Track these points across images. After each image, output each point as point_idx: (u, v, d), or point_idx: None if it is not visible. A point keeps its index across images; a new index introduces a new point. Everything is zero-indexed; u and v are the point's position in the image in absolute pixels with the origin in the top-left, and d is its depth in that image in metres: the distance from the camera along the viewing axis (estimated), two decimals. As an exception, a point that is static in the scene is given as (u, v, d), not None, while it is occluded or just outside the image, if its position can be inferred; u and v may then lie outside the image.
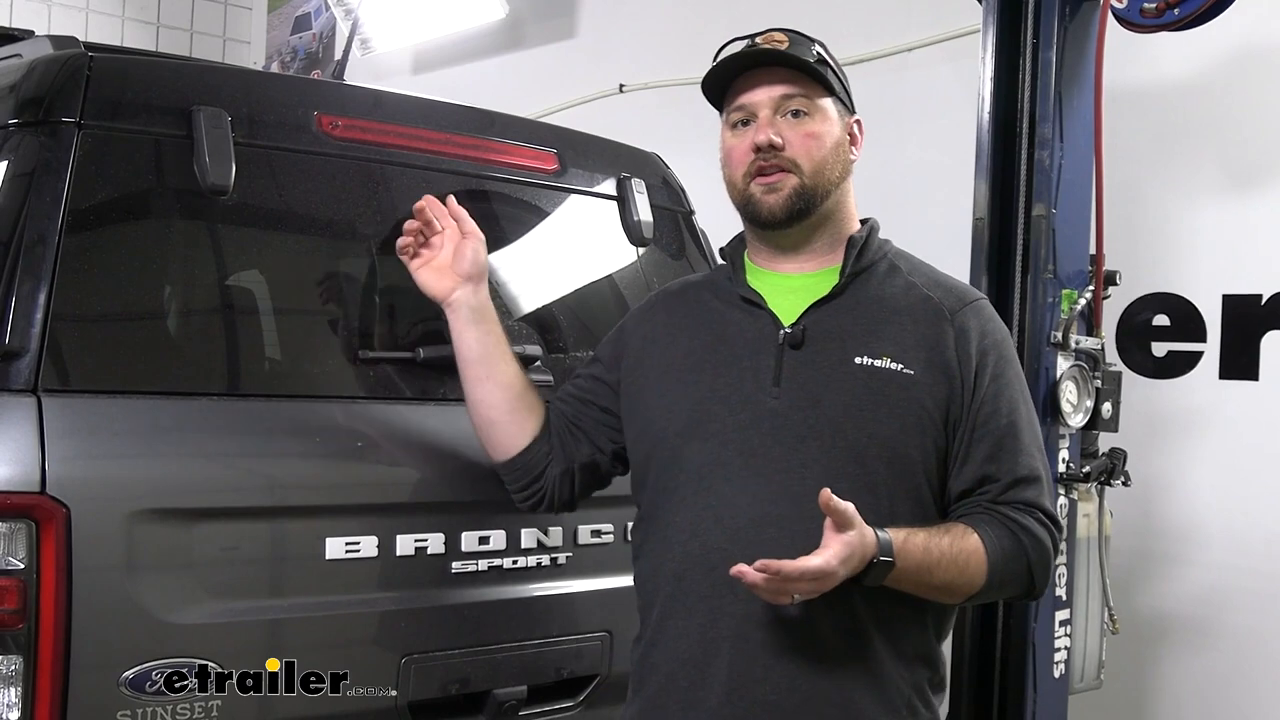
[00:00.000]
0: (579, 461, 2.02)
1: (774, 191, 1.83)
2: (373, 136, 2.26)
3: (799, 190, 1.82)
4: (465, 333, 2.03)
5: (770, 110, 1.84)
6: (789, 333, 1.82)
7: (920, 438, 1.77)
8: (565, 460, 2.02)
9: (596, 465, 2.03)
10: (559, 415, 2.04)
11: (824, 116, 1.85)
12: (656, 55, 4.99)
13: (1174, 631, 3.37)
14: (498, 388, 2.02)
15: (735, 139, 1.87)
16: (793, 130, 1.83)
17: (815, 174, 1.83)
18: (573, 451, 2.02)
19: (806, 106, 1.84)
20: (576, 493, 2.05)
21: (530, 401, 2.03)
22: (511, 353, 2.06)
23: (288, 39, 7.24)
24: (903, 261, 1.91)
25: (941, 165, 3.49)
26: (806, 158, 1.83)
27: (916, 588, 1.73)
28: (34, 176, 1.90)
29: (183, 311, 2.06)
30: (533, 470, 2.02)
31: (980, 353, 1.81)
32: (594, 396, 2.02)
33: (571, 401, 2.04)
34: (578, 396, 2.04)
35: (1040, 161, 2.73)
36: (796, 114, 1.84)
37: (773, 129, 1.82)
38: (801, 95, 1.84)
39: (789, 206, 1.83)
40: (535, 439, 2.01)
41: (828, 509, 1.60)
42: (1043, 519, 1.80)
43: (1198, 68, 3.35)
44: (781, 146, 1.82)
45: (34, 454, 1.75)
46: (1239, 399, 3.28)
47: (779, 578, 1.58)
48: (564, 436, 2.02)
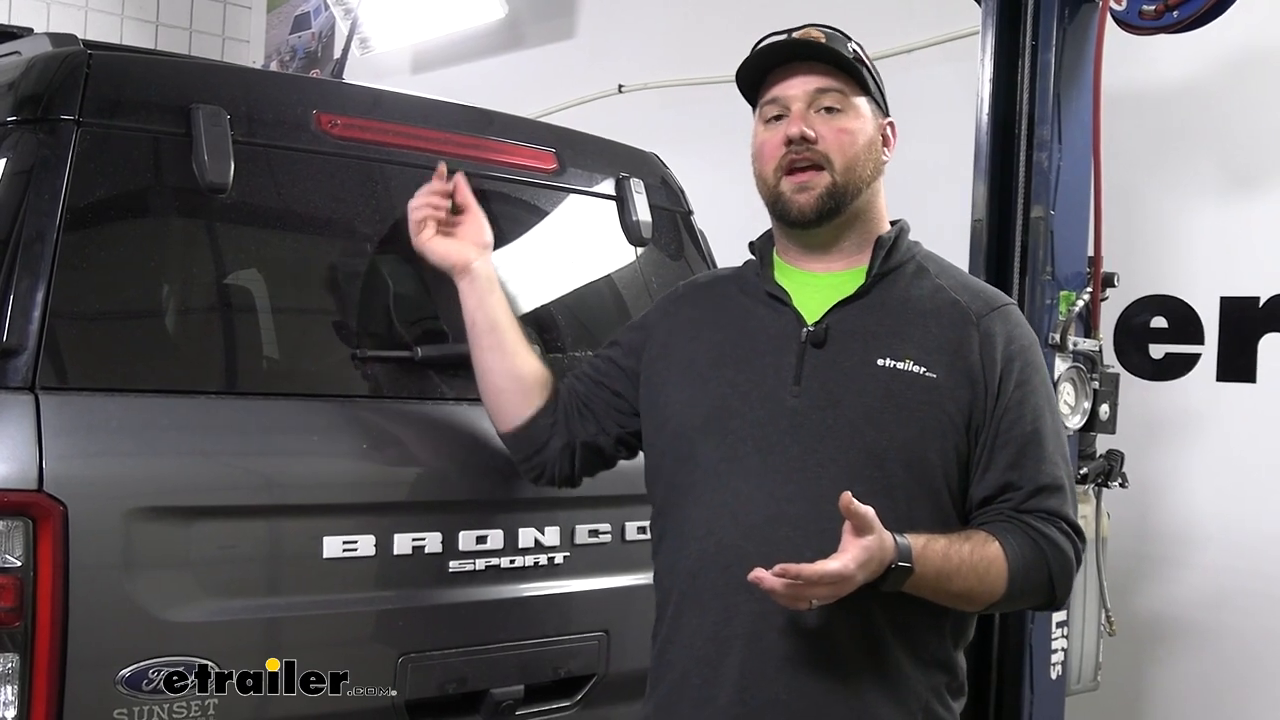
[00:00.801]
0: (580, 439, 2.02)
1: (805, 190, 1.81)
2: (372, 136, 2.26)
3: (830, 189, 1.81)
4: (483, 300, 2.05)
5: (804, 104, 1.82)
6: (812, 331, 1.80)
7: (941, 442, 1.75)
8: (568, 435, 2.02)
9: (599, 447, 2.03)
10: (571, 392, 2.04)
11: (858, 114, 1.84)
12: (656, 56, 4.99)
13: (1171, 633, 3.37)
14: (507, 356, 2.03)
15: (768, 133, 1.86)
16: (826, 125, 1.81)
17: (846, 170, 1.81)
18: (577, 429, 2.02)
19: (841, 103, 1.83)
20: (577, 469, 2.04)
21: (539, 374, 2.04)
22: (519, 325, 2.08)
23: (287, 38, 7.24)
24: (931, 264, 1.89)
25: (940, 166, 3.49)
26: (839, 153, 1.81)
27: (935, 594, 1.70)
28: (32, 174, 1.90)
29: (181, 310, 2.05)
30: (535, 441, 2.02)
31: (1006, 358, 1.79)
32: (608, 379, 2.02)
33: (586, 380, 2.04)
34: (592, 376, 2.04)
35: (1039, 163, 2.73)
36: (830, 110, 1.82)
37: (806, 122, 1.81)
38: (837, 91, 1.83)
39: (820, 206, 1.81)
40: (540, 410, 2.02)
41: (848, 513, 1.58)
42: (1065, 529, 1.77)
43: (1196, 70, 3.36)
44: (815, 140, 1.80)
45: (31, 452, 1.74)
46: (1236, 401, 3.28)
47: (797, 583, 1.57)
48: (571, 413, 2.02)
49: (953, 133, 3.27)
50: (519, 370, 2.03)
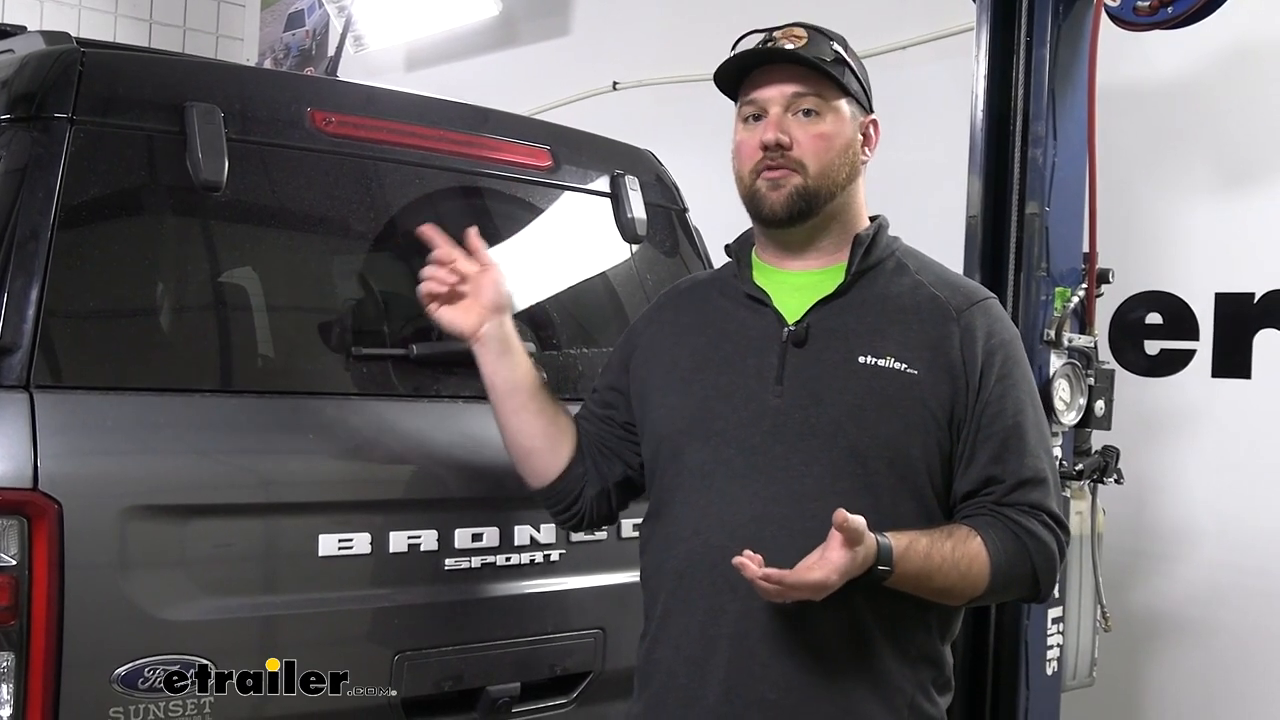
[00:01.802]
0: (613, 480, 2.00)
1: (777, 188, 1.81)
2: (366, 133, 2.26)
3: (801, 190, 1.80)
4: (497, 367, 1.96)
5: (781, 108, 1.82)
6: (792, 330, 1.80)
7: (923, 438, 1.76)
8: (600, 480, 1.99)
9: (631, 481, 2.01)
10: (587, 437, 2.00)
11: (836, 117, 1.83)
12: (650, 53, 4.98)
13: (1166, 629, 3.38)
14: (532, 416, 1.97)
15: (746, 133, 1.85)
16: (802, 130, 1.81)
17: (820, 176, 1.81)
18: (606, 471, 1.99)
19: (818, 106, 1.82)
20: (615, 508, 2.03)
21: (563, 425, 2.00)
22: (540, 379, 2.01)
23: (281, 36, 7.22)
24: (911, 260, 1.89)
25: (935, 163, 3.49)
26: (814, 159, 1.80)
27: (917, 591, 1.71)
28: (26, 172, 1.90)
29: (175, 308, 2.05)
30: (570, 493, 1.99)
31: (986, 353, 1.79)
32: (614, 413, 2.00)
33: (594, 421, 2.02)
34: (599, 415, 2.02)
35: (1034, 159, 2.73)
36: (808, 113, 1.81)
37: (781, 128, 1.80)
38: (814, 95, 1.82)
39: (790, 206, 1.81)
40: (571, 462, 1.98)
41: (842, 529, 1.59)
42: (1048, 521, 1.78)
43: (1191, 66, 3.36)
44: (789, 146, 1.80)
45: (26, 450, 1.74)
46: (1231, 397, 3.28)
47: (781, 585, 1.59)
48: (596, 458, 2.00)
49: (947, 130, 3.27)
50: (546, 428, 1.98)
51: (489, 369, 1.97)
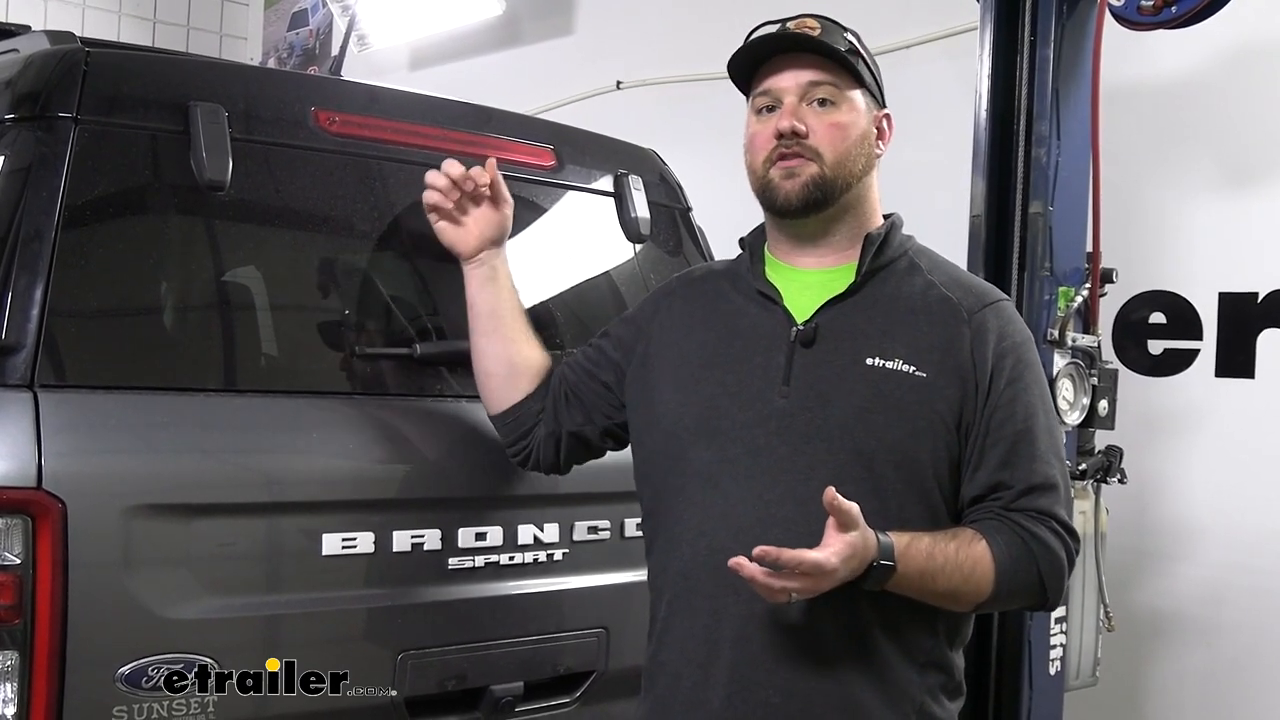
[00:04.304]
0: (566, 429, 2.02)
1: (792, 177, 1.79)
2: (370, 132, 2.26)
3: (818, 179, 1.78)
4: (481, 290, 2.06)
5: (796, 97, 1.80)
6: (801, 330, 1.78)
7: (931, 442, 1.73)
8: (554, 424, 2.02)
9: (585, 437, 2.02)
10: (561, 379, 2.04)
11: (851, 107, 1.82)
12: (654, 52, 4.99)
13: (1170, 629, 3.37)
14: (501, 343, 2.04)
15: (759, 124, 1.83)
16: (818, 119, 1.79)
17: (837, 165, 1.79)
18: (564, 418, 2.02)
19: (834, 95, 1.80)
20: (563, 458, 2.05)
21: (530, 360, 2.05)
22: (525, 319, 2.08)
23: (284, 35, 7.23)
24: (924, 259, 1.87)
25: (939, 162, 3.49)
26: (830, 148, 1.79)
27: (920, 593, 1.69)
28: (30, 172, 1.90)
29: (179, 307, 2.05)
30: (521, 426, 2.03)
31: (997, 355, 1.76)
32: (599, 370, 2.01)
33: (577, 370, 2.04)
34: (584, 366, 2.03)
35: (1037, 159, 2.73)
36: (823, 102, 1.80)
37: (797, 116, 1.79)
38: (830, 84, 1.80)
39: (805, 195, 1.79)
40: (527, 397, 2.03)
41: (831, 508, 1.57)
42: (1056, 529, 1.74)
43: (1195, 65, 3.36)
44: (805, 134, 1.78)
45: (30, 449, 1.74)
46: (1235, 397, 3.28)
47: (775, 567, 1.55)
48: (559, 401, 2.02)
49: (951, 129, 3.27)
50: (512, 357, 2.04)
51: (474, 290, 2.07)
